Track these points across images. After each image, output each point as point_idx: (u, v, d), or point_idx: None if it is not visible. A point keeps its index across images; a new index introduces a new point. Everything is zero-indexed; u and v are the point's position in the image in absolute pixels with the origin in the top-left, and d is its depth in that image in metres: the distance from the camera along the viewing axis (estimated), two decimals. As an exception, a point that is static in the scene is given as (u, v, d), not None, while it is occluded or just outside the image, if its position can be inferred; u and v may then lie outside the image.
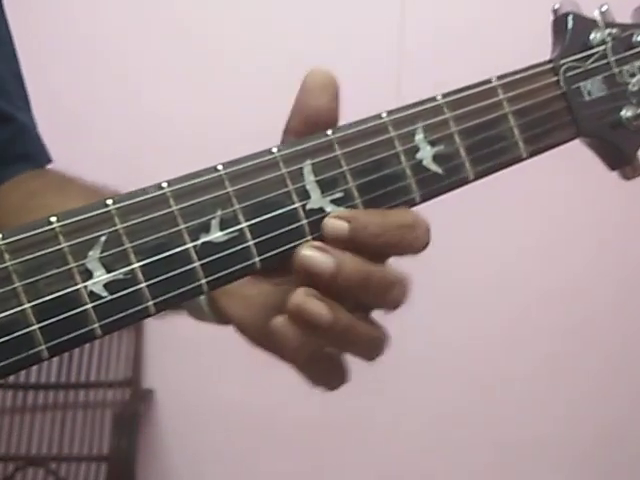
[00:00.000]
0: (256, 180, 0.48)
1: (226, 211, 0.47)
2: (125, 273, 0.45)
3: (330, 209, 0.50)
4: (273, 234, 0.48)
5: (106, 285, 0.45)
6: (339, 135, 0.50)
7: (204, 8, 2.61)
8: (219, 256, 0.47)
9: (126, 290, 0.45)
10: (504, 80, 0.53)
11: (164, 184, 0.47)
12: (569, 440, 2.58)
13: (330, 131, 0.50)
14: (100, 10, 2.61)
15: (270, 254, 0.48)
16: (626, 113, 0.56)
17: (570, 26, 0.56)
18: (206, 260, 0.47)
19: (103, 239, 0.45)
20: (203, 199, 0.47)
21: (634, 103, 0.56)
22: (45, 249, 0.44)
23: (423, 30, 2.57)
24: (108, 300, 0.45)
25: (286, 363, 0.53)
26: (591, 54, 0.56)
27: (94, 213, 0.45)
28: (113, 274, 0.45)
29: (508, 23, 2.48)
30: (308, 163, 0.49)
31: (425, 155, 0.51)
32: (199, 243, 0.47)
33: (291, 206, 0.49)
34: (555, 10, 0.56)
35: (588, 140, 0.57)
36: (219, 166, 0.48)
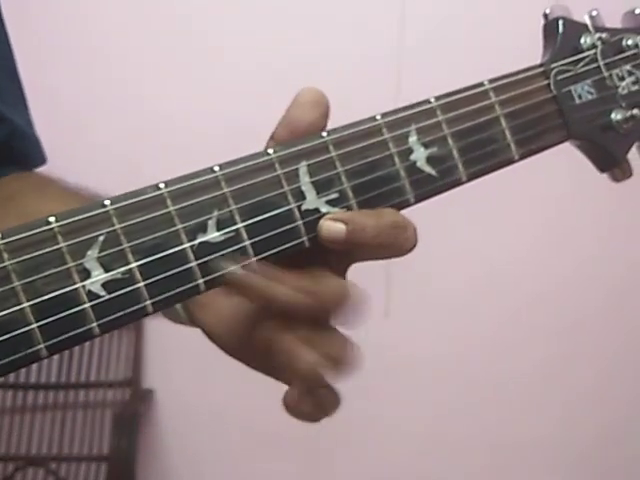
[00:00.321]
0: (252, 181, 0.49)
1: (223, 211, 0.48)
2: (123, 273, 0.46)
3: (325, 210, 0.50)
4: (269, 234, 0.49)
5: (104, 284, 0.45)
6: (334, 137, 0.51)
7: (204, 6, 2.61)
8: (216, 256, 0.48)
9: (124, 289, 0.46)
10: (496, 83, 0.54)
11: (161, 185, 0.47)
12: (565, 442, 2.59)
13: (325, 133, 0.51)
14: (100, 8, 2.61)
15: (266, 254, 0.49)
16: (616, 116, 0.56)
17: (561, 30, 0.56)
18: (203, 260, 0.47)
19: (101, 239, 0.45)
20: (200, 200, 0.48)
21: (623, 106, 0.57)
22: (43, 249, 0.44)
23: (423, 29, 2.57)
24: (106, 299, 0.45)
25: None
26: (581, 58, 0.57)
27: (92, 213, 0.46)
28: (111, 274, 0.46)
29: (508, 22, 2.48)
30: (304, 164, 0.50)
31: (419, 157, 0.52)
32: (196, 243, 0.47)
33: (287, 207, 0.50)
34: (546, 15, 0.57)
35: (578, 143, 0.57)
36: (216, 167, 0.49)
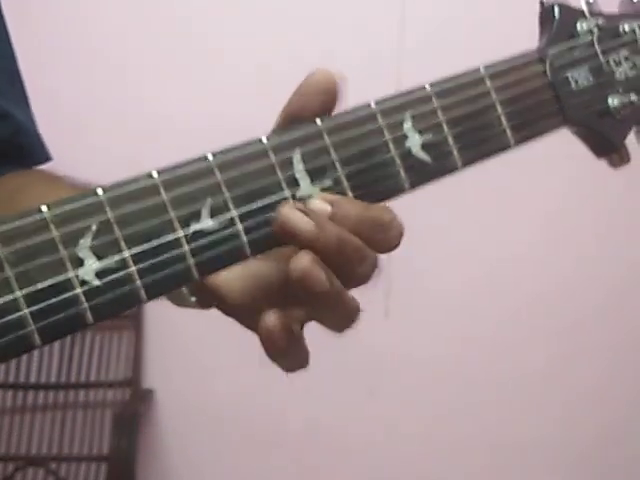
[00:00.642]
0: (246, 169, 0.49)
1: (216, 199, 0.48)
2: (116, 261, 0.46)
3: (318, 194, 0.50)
4: (263, 222, 0.49)
5: (97, 273, 0.45)
6: (328, 124, 0.51)
7: (204, 7, 2.61)
8: (209, 243, 0.48)
9: (117, 278, 0.46)
10: (492, 69, 0.54)
11: (154, 173, 0.47)
12: (565, 442, 2.58)
13: (319, 120, 0.50)
14: (100, 10, 2.61)
15: (260, 241, 0.49)
16: (613, 102, 0.56)
17: (557, 16, 0.56)
18: (196, 248, 0.47)
19: (94, 228, 0.45)
20: (193, 187, 0.47)
21: (621, 92, 0.56)
22: (36, 238, 0.44)
23: (423, 30, 2.57)
24: (99, 287, 0.45)
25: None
26: (578, 43, 0.56)
27: (85, 202, 0.45)
28: (104, 262, 0.45)
29: (508, 23, 2.47)
30: (297, 152, 0.50)
31: (414, 143, 0.52)
32: (190, 231, 0.47)
33: (281, 194, 0.49)
34: (542, 1, 0.57)
35: (575, 129, 0.57)
36: (209, 155, 0.48)
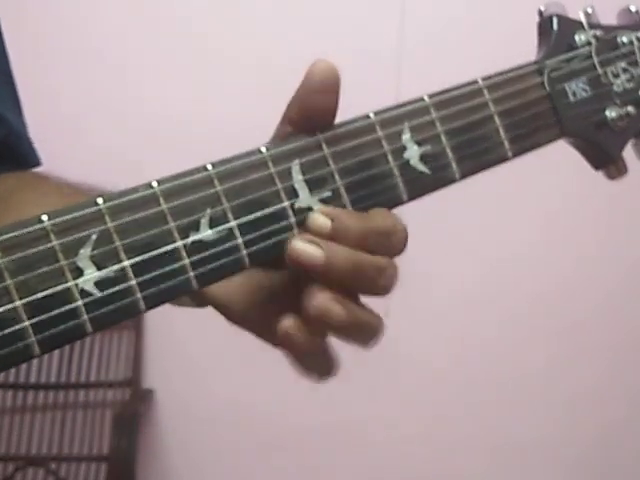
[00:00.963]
0: (245, 179, 0.49)
1: (215, 209, 0.48)
2: (116, 271, 0.46)
3: (318, 208, 0.50)
4: (262, 232, 0.49)
5: (97, 283, 0.45)
6: (327, 134, 0.51)
7: (204, 5, 2.61)
8: (208, 254, 0.48)
9: (117, 288, 0.46)
10: (489, 81, 0.54)
11: (154, 183, 0.47)
12: (565, 442, 2.58)
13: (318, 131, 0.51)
14: (100, 10, 2.61)
15: (259, 252, 0.49)
16: (610, 114, 0.56)
17: (555, 27, 0.56)
18: (196, 258, 0.47)
19: (94, 237, 0.45)
20: (193, 198, 0.48)
21: (618, 104, 0.57)
22: (36, 247, 0.44)
23: (423, 29, 2.57)
24: (99, 298, 0.45)
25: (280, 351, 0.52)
26: (576, 55, 0.56)
27: (85, 212, 0.46)
28: (104, 272, 0.45)
29: (508, 22, 2.47)
30: (296, 162, 0.50)
31: (412, 155, 0.52)
32: (189, 241, 0.47)
33: (280, 205, 0.49)
34: (541, 12, 0.57)
35: (572, 140, 0.57)
36: (209, 165, 0.48)
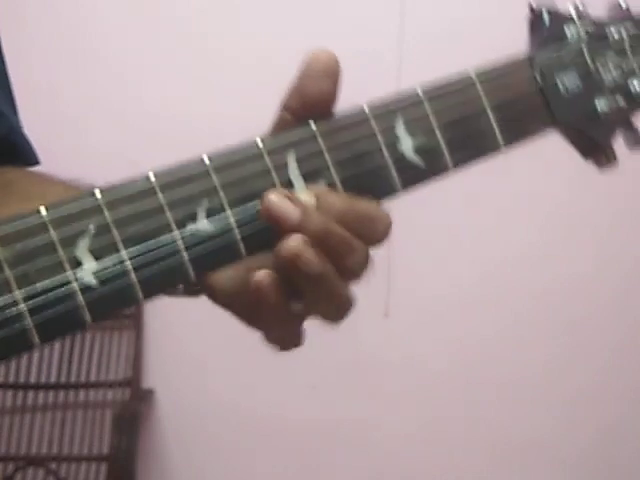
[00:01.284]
0: (242, 171, 0.50)
1: (212, 201, 0.49)
2: (114, 262, 0.46)
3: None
4: (258, 223, 0.50)
5: (95, 274, 0.46)
6: (323, 127, 0.52)
7: (204, 5, 2.62)
8: (206, 245, 0.48)
9: (115, 279, 0.46)
10: (482, 74, 0.55)
11: (151, 175, 0.48)
12: (565, 442, 2.59)
13: (313, 123, 0.51)
14: (99, 10, 2.62)
15: (255, 242, 0.50)
16: (601, 105, 0.57)
17: (546, 21, 0.57)
18: (193, 248, 0.48)
19: (92, 229, 0.46)
20: (190, 189, 0.48)
21: (608, 95, 0.58)
22: (35, 239, 0.45)
23: (423, 28, 2.58)
24: (97, 288, 0.46)
25: (253, 323, 0.52)
26: (567, 48, 0.57)
27: (83, 204, 0.46)
28: (102, 263, 0.46)
29: (508, 21, 2.48)
30: (292, 154, 0.51)
31: (406, 147, 0.53)
32: (186, 232, 0.48)
33: None
34: (531, 6, 0.58)
35: (563, 130, 0.58)
36: (205, 157, 0.49)
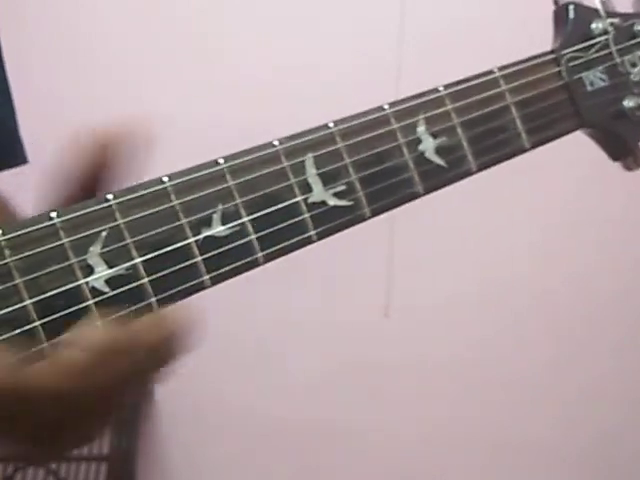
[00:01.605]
0: (257, 174, 0.48)
1: (227, 205, 0.47)
2: (127, 268, 0.45)
3: (332, 202, 0.49)
4: (275, 228, 0.48)
5: (108, 281, 0.44)
6: (341, 127, 0.50)
7: (204, 5, 2.61)
8: (221, 250, 0.47)
9: (128, 286, 0.45)
10: (506, 71, 0.53)
11: (165, 178, 0.46)
12: (565, 442, 2.58)
13: (332, 123, 0.50)
14: (99, 10, 2.61)
15: (272, 248, 0.48)
16: (628, 103, 0.56)
17: (571, 16, 0.56)
18: (208, 254, 0.46)
19: (104, 234, 0.44)
20: (204, 193, 0.47)
21: (636, 93, 0.56)
22: (46, 245, 0.43)
23: (423, 28, 2.56)
24: (110, 296, 0.44)
25: None
26: (593, 44, 0.56)
27: (95, 208, 0.45)
28: (115, 269, 0.45)
29: (509, 22, 2.47)
30: (310, 156, 0.49)
31: (427, 147, 0.51)
32: (201, 237, 0.46)
33: (293, 199, 0.49)
34: (556, 0, 0.56)
35: (590, 131, 0.56)
36: (220, 160, 0.48)
